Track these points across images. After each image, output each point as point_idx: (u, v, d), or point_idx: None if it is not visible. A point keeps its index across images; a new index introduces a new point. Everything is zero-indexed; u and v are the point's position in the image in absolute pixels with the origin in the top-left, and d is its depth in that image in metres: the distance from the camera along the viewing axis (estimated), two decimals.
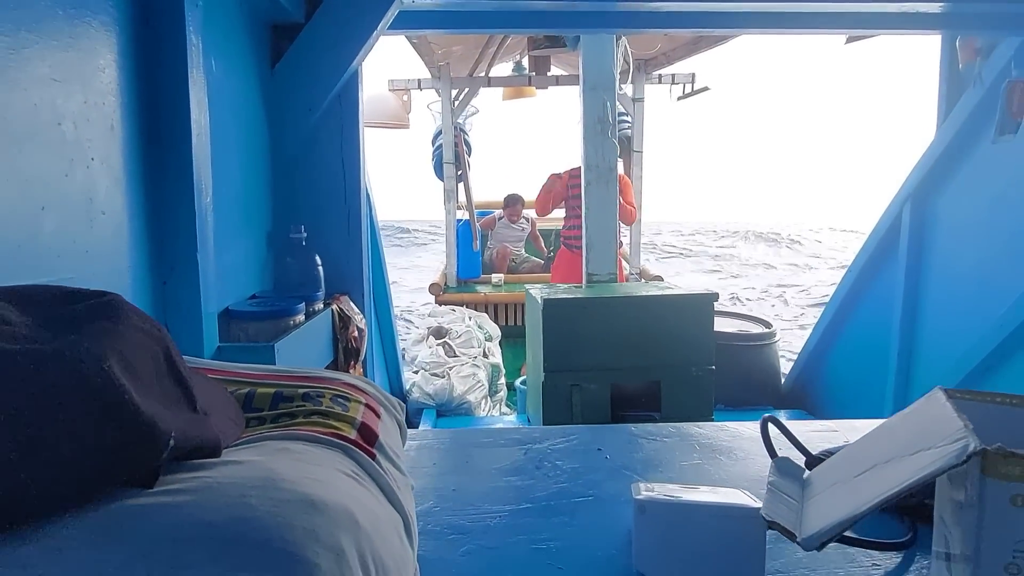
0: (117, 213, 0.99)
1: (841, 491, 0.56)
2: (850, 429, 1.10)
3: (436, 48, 5.06)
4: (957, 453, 0.46)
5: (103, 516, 0.46)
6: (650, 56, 5.55)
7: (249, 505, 0.49)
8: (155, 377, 0.52)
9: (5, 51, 0.76)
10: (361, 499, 0.58)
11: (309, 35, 1.72)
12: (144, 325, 0.53)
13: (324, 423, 0.69)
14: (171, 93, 1.09)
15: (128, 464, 0.47)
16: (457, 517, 0.84)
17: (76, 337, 0.47)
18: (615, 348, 2.53)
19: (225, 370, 0.80)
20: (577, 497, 0.90)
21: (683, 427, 1.18)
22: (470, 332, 4.22)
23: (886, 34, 2.45)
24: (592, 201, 2.94)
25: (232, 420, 0.66)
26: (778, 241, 19.09)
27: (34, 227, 0.81)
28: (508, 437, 1.14)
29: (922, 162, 2.89)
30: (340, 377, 0.84)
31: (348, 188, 1.81)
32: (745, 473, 0.99)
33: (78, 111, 0.90)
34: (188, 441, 0.52)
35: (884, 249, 3.11)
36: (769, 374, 3.63)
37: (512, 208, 6.42)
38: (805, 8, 2.15)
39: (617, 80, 3.02)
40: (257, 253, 1.64)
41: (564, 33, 3.44)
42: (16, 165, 0.78)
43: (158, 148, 1.09)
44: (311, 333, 1.51)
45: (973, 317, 2.58)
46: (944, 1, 2.10)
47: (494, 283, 5.89)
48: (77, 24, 0.91)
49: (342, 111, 1.80)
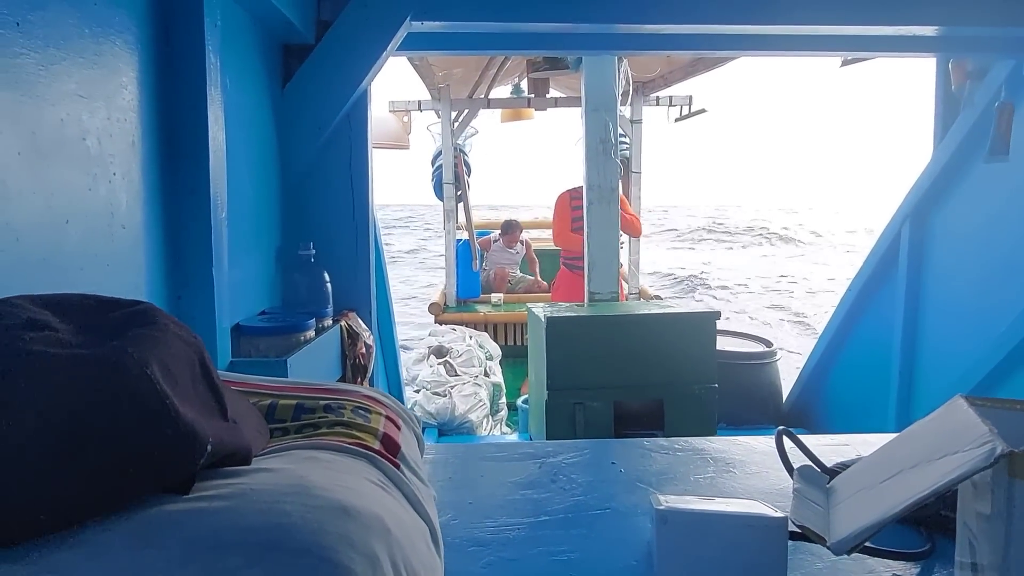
0: (136, 227, 1.00)
1: (868, 497, 0.57)
2: (862, 443, 1.10)
3: (437, 70, 5.13)
4: (985, 456, 0.47)
5: (142, 521, 0.46)
6: (648, 79, 5.62)
7: (284, 511, 0.49)
8: (191, 384, 0.53)
9: (35, 67, 0.78)
10: (390, 507, 0.59)
11: (319, 56, 1.75)
12: (181, 333, 0.54)
13: (348, 433, 0.70)
14: (190, 111, 1.10)
15: (168, 469, 0.47)
16: (476, 530, 0.84)
17: (119, 343, 0.47)
18: (618, 366, 2.54)
19: (245, 382, 0.81)
20: (594, 510, 0.90)
21: (694, 441, 1.18)
22: (471, 351, 4.22)
23: (882, 56, 2.50)
24: (594, 220, 2.97)
25: (257, 430, 0.67)
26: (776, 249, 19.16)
27: (59, 239, 0.82)
28: (521, 451, 1.14)
29: (920, 181, 2.93)
30: (359, 390, 0.84)
31: (356, 206, 1.83)
32: (760, 486, 0.99)
33: (102, 127, 0.91)
34: (223, 448, 0.52)
35: (884, 267, 3.14)
36: (770, 392, 3.63)
37: (510, 235, 6.47)
38: (801, 31, 2.19)
39: (618, 101, 3.06)
40: (266, 269, 1.65)
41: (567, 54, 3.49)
42: (43, 178, 0.79)
43: (176, 164, 1.10)
44: (321, 349, 1.51)
45: (974, 334, 2.59)
46: (939, 24, 2.14)
47: (494, 303, 5.90)
48: (102, 42, 0.92)
49: (351, 130, 1.82)
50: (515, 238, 6.50)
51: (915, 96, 4.44)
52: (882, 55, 2.42)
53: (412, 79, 5.16)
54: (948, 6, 2.05)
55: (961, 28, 2.17)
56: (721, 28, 2.10)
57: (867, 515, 0.53)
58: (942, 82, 2.87)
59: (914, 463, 0.56)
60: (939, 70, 2.88)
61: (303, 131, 1.75)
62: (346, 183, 1.82)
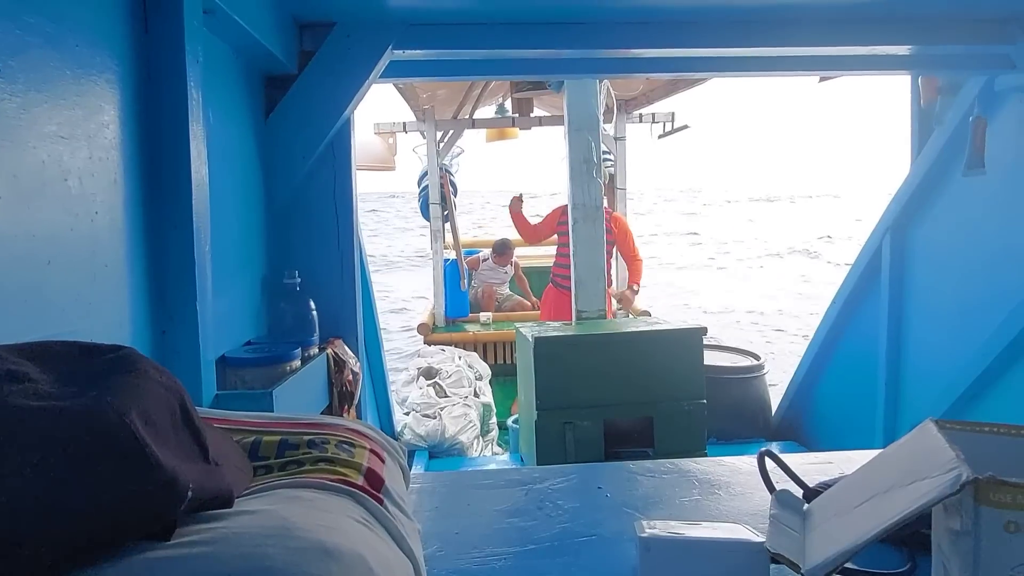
0: (119, 265, 1.01)
1: (841, 522, 0.58)
2: (845, 461, 1.12)
3: (421, 92, 5.17)
4: (951, 483, 0.49)
5: (124, 569, 0.46)
6: (631, 96, 5.69)
7: (266, 555, 0.50)
8: (172, 429, 0.53)
9: (17, 111, 0.79)
10: (373, 545, 0.59)
11: (302, 86, 1.77)
12: (161, 379, 0.55)
13: (331, 470, 0.70)
14: (172, 147, 1.11)
15: (149, 516, 0.48)
16: (463, 561, 0.84)
17: (98, 393, 0.48)
18: (607, 385, 2.54)
19: (228, 419, 0.81)
20: (580, 537, 0.90)
21: (680, 463, 1.19)
22: (460, 372, 4.21)
23: (856, 75, 2.55)
24: (579, 239, 2.99)
25: (240, 469, 0.67)
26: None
27: (40, 281, 0.82)
28: (507, 478, 1.14)
29: (899, 195, 2.98)
30: (342, 423, 0.84)
31: (341, 233, 1.84)
32: (744, 507, 1.00)
33: (83, 167, 0.92)
34: (204, 492, 0.53)
35: (867, 280, 3.18)
36: (760, 406, 3.65)
37: (503, 255, 6.47)
38: (777, 52, 2.24)
39: (600, 121, 3.10)
40: (251, 299, 1.65)
41: (549, 79, 3.53)
42: (24, 221, 0.79)
43: (159, 200, 1.11)
44: (307, 378, 1.51)
45: (957, 345, 2.63)
46: (911, 44, 2.19)
47: (482, 322, 5.90)
48: (83, 83, 0.93)
49: (335, 158, 1.84)
50: (508, 258, 6.51)
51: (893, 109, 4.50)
52: (857, 73, 2.47)
53: (397, 101, 5.20)
54: (919, 26, 2.11)
55: (932, 47, 2.23)
56: (699, 51, 2.14)
57: (841, 541, 0.54)
58: (916, 98, 2.93)
59: (886, 488, 0.57)
60: (913, 87, 2.94)
61: (286, 161, 1.76)
62: (330, 210, 1.83)
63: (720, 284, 15.31)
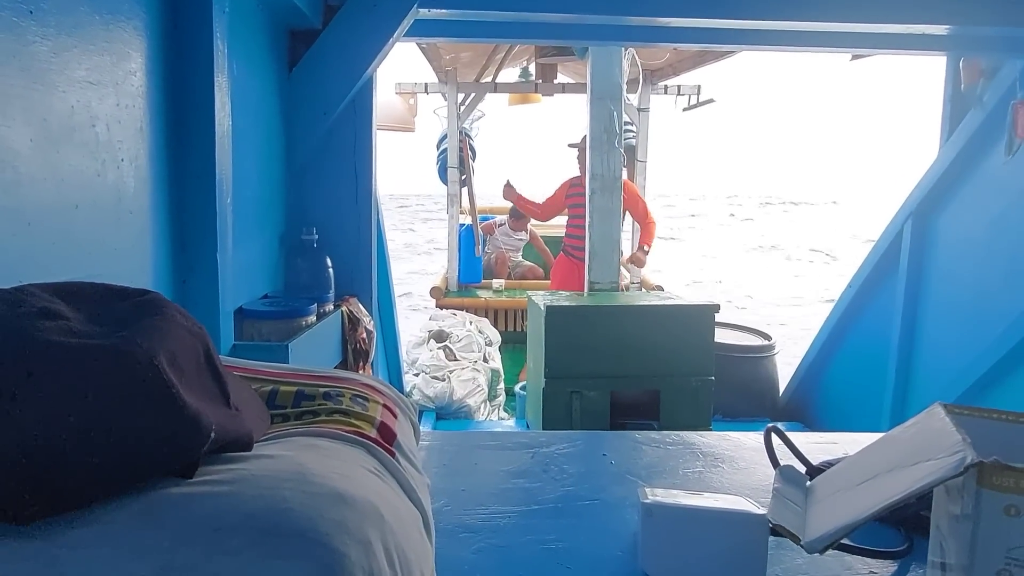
0: (143, 212, 1.02)
1: (844, 498, 0.59)
2: (850, 442, 1.12)
3: (444, 53, 5.10)
4: (955, 464, 0.49)
5: (148, 503, 0.48)
6: (657, 67, 5.59)
7: (283, 497, 0.52)
8: (196, 373, 0.55)
9: (48, 55, 0.79)
10: (384, 495, 0.61)
11: (326, 41, 1.75)
12: (187, 323, 0.56)
13: (346, 421, 0.72)
14: (197, 97, 1.12)
15: (173, 454, 0.50)
16: (468, 516, 0.87)
17: (128, 333, 0.49)
18: (616, 356, 2.56)
19: (247, 368, 0.83)
20: (584, 500, 0.93)
21: (685, 435, 1.20)
22: (470, 336, 4.24)
23: (891, 54, 2.49)
24: (596, 210, 2.97)
25: (259, 416, 0.69)
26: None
27: (68, 224, 0.84)
28: (515, 441, 1.16)
29: (924, 180, 2.93)
30: (357, 378, 0.86)
31: (360, 192, 1.84)
32: (747, 482, 1.01)
33: (111, 113, 0.92)
34: (226, 435, 0.54)
35: (885, 265, 3.15)
36: (767, 386, 3.65)
37: (518, 220, 6.44)
38: (809, 27, 2.18)
39: (624, 90, 3.06)
40: (269, 253, 1.67)
41: (573, 44, 3.48)
42: (53, 164, 0.81)
43: (183, 149, 1.12)
44: (322, 334, 1.53)
45: (971, 334, 2.61)
46: (949, 24, 2.13)
47: (495, 288, 5.92)
48: (112, 29, 0.94)
49: (356, 116, 1.83)
50: (524, 223, 6.47)
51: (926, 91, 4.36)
52: (892, 53, 2.42)
53: (419, 61, 5.14)
54: (959, 5, 2.04)
55: (972, 27, 2.16)
56: (729, 23, 2.10)
57: (841, 516, 0.55)
58: (951, 80, 2.86)
59: (890, 467, 0.58)
60: (948, 68, 2.87)
61: (308, 116, 1.76)
62: (350, 169, 1.83)
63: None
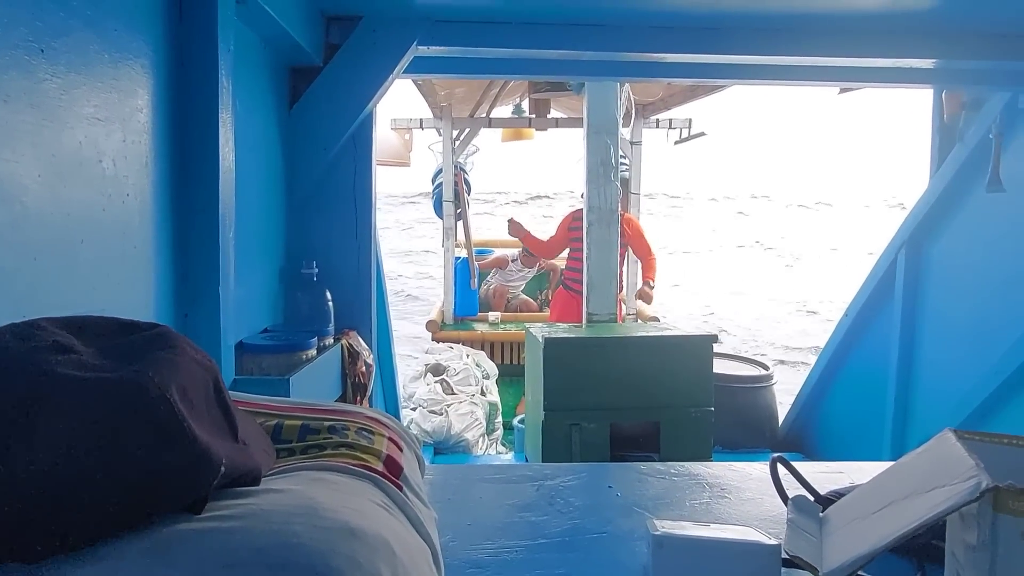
0: (146, 247, 1.03)
1: (860, 527, 0.58)
2: (856, 471, 1.12)
3: (439, 88, 5.19)
4: (970, 490, 0.49)
5: (157, 539, 0.48)
6: (649, 101, 5.69)
7: (294, 532, 0.51)
8: (205, 406, 0.55)
9: (58, 91, 0.80)
10: (394, 528, 0.60)
11: (327, 78, 1.79)
12: (197, 356, 0.56)
13: (352, 455, 0.71)
14: (202, 132, 1.13)
15: (184, 488, 0.49)
16: (475, 551, 0.85)
17: (140, 366, 0.49)
18: (615, 388, 2.55)
19: (251, 402, 0.82)
20: (592, 533, 0.91)
21: (690, 466, 1.19)
22: (468, 370, 4.22)
23: (878, 87, 2.55)
24: (593, 242, 3.00)
25: (265, 451, 0.68)
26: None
27: (73, 259, 0.84)
28: (518, 474, 1.15)
29: (916, 210, 2.97)
30: (361, 411, 0.86)
31: (359, 226, 1.85)
32: (754, 512, 1.00)
33: (117, 149, 0.93)
34: (235, 469, 0.54)
35: (880, 294, 3.16)
36: (766, 416, 3.64)
37: (530, 256, 6.44)
38: (799, 62, 2.24)
39: (619, 124, 3.11)
40: (269, 287, 1.67)
41: (569, 80, 3.54)
42: (61, 199, 0.81)
43: (187, 184, 1.13)
44: (323, 367, 1.52)
45: (969, 361, 2.62)
46: (935, 58, 2.19)
47: (491, 321, 5.91)
48: (120, 66, 0.95)
49: (356, 151, 1.85)
50: (535, 259, 6.47)
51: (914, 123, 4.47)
52: (879, 86, 2.47)
53: (414, 97, 5.22)
54: (944, 40, 2.10)
55: (957, 61, 2.22)
56: (721, 57, 2.15)
57: (859, 545, 0.54)
58: (938, 112, 2.92)
59: (905, 495, 0.58)
60: (935, 101, 2.93)
61: (309, 152, 1.78)
62: (350, 203, 1.85)
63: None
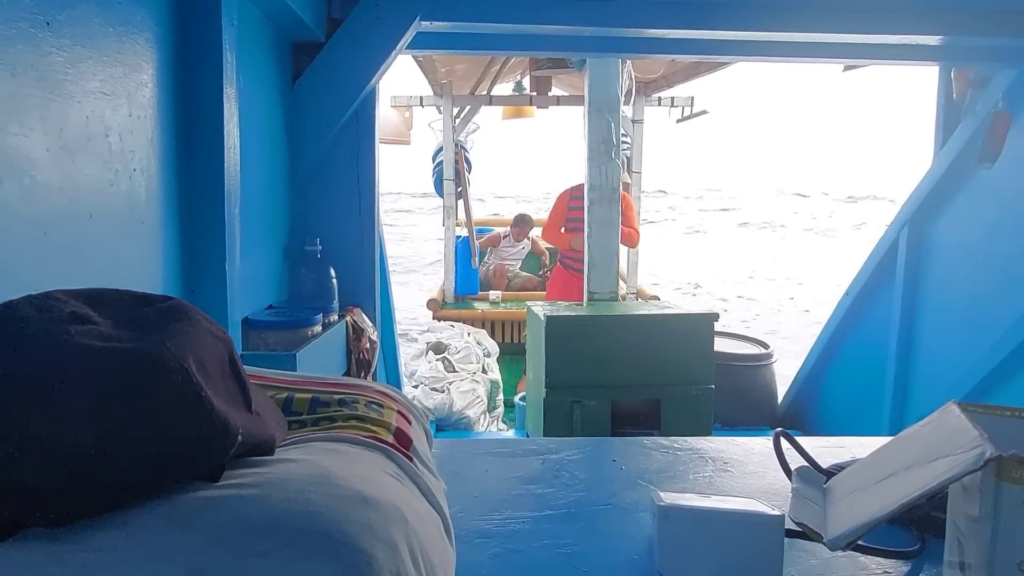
0: (154, 223, 1.03)
1: (863, 496, 0.60)
2: (857, 445, 1.13)
3: (440, 66, 5.14)
4: (974, 459, 0.50)
5: (176, 506, 0.49)
6: (651, 79, 5.64)
7: (309, 500, 0.52)
8: (221, 377, 0.55)
9: (64, 66, 0.80)
10: (406, 498, 0.61)
11: (329, 54, 1.77)
12: (212, 328, 0.56)
13: (363, 427, 0.72)
14: (207, 108, 1.13)
15: (202, 457, 0.50)
16: (483, 522, 0.87)
17: (158, 337, 0.50)
18: (616, 366, 2.56)
19: (261, 375, 0.83)
20: (597, 505, 0.93)
21: (693, 441, 1.21)
22: (469, 348, 4.24)
23: (884, 64, 2.53)
24: (595, 221, 2.99)
25: (277, 422, 0.69)
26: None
27: (82, 234, 0.84)
28: (524, 448, 1.16)
29: (919, 189, 2.96)
30: (370, 385, 0.87)
31: (363, 203, 1.85)
32: (757, 485, 1.02)
33: (123, 123, 0.93)
34: (250, 439, 0.55)
35: (881, 273, 3.17)
36: (766, 394, 3.66)
37: (520, 228, 6.47)
38: (803, 38, 2.22)
39: (621, 102, 3.09)
40: (274, 264, 1.67)
41: (571, 56, 3.51)
42: (69, 173, 0.81)
43: (192, 160, 1.13)
44: (328, 344, 1.53)
45: (969, 340, 2.63)
46: (941, 34, 2.17)
47: (492, 300, 5.92)
48: (125, 40, 0.94)
49: (359, 128, 1.85)
50: (524, 232, 6.51)
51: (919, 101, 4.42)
52: (884, 63, 2.45)
53: (415, 74, 5.17)
54: (951, 16, 2.08)
55: (963, 38, 2.20)
56: (724, 34, 2.13)
57: (862, 513, 0.56)
58: (944, 90, 2.90)
59: (908, 465, 0.59)
60: (941, 78, 2.91)
61: (312, 128, 1.77)
62: (353, 180, 1.85)
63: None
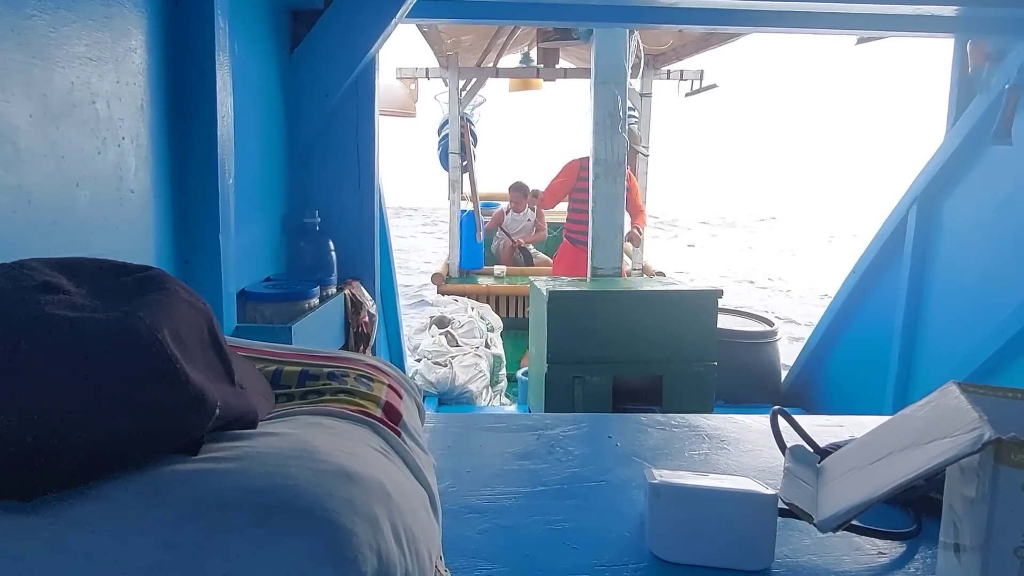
0: (145, 192, 1.01)
1: (857, 477, 0.58)
2: (856, 425, 1.12)
3: (446, 37, 5.06)
4: (972, 441, 0.49)
5: (153, 479, 0.48)
6: (660, 51, 5.55)
7: (290, 474, 0.51)
8: (200, 349, 0.54)
9: (46, 28, 0.78)
10: (390, 473, 0.60)
11: (328, 21, 1.73)
12: (191, 299, 0.55)
13: (350, 401, 0.71)
14: (198, 75, 1.10)
15: (177, 430, 0.49)
16: (473, 497, 0.86)
17: (132, 307, 0.49)
18: (618, 342, 2.56)
19: (250, 347, 0.82)
20: (590, 482, 0.92)
21: (690, 418, 1.20)
22: (472, 322, 4.24)
23: (898, 36, 2.47)
24: (599, 195, 2.96)
25: (263, 395, 0.68)
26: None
27: (69, 203, 0.83)
28: (519, 423, 1.16)
29: (930, 165, 2.91)
30: (362, 358, 0.85)
31: (362, 174, 1.83)
32: (753, 464, 1.01)
33: (111, 90, 0.91)
34: (230, 412, 0.54)
35: (889, 251, 3.13)
36: (769, 371, 3.65)
37: (517, 195, 6.35)
38: (816, 8, 2.16)
39: (628, 74, 3.03)
40: (271, 236, 1.66)
41: (578, 26, 3.44)
42: (54, 141, 0.79)
43: (184, 129, 1.10)
44: (325, 317, 1.53)
45: (975, 320, 2.60)
46: (957, 5, 2.11)
47: (496, 275, 5.91)
48: (112, 4, 0.92)
49: (358, 98, 1.81)
50: (520, 200, 6.38)
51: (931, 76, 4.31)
52: (899, 35, 2.39)
53: (420, 46, 5.10)
54: None
55: (980, 8, 2.14)
56: (735, 3, 2.08)
57: (855, 495, 0.54)
58: (958, 64, 2.83)
59: (904, 446, 0.57)
60: (956, 52, 2.84)
61: (310, 98, 1.74)
62: (352, 151, 1.82)
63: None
